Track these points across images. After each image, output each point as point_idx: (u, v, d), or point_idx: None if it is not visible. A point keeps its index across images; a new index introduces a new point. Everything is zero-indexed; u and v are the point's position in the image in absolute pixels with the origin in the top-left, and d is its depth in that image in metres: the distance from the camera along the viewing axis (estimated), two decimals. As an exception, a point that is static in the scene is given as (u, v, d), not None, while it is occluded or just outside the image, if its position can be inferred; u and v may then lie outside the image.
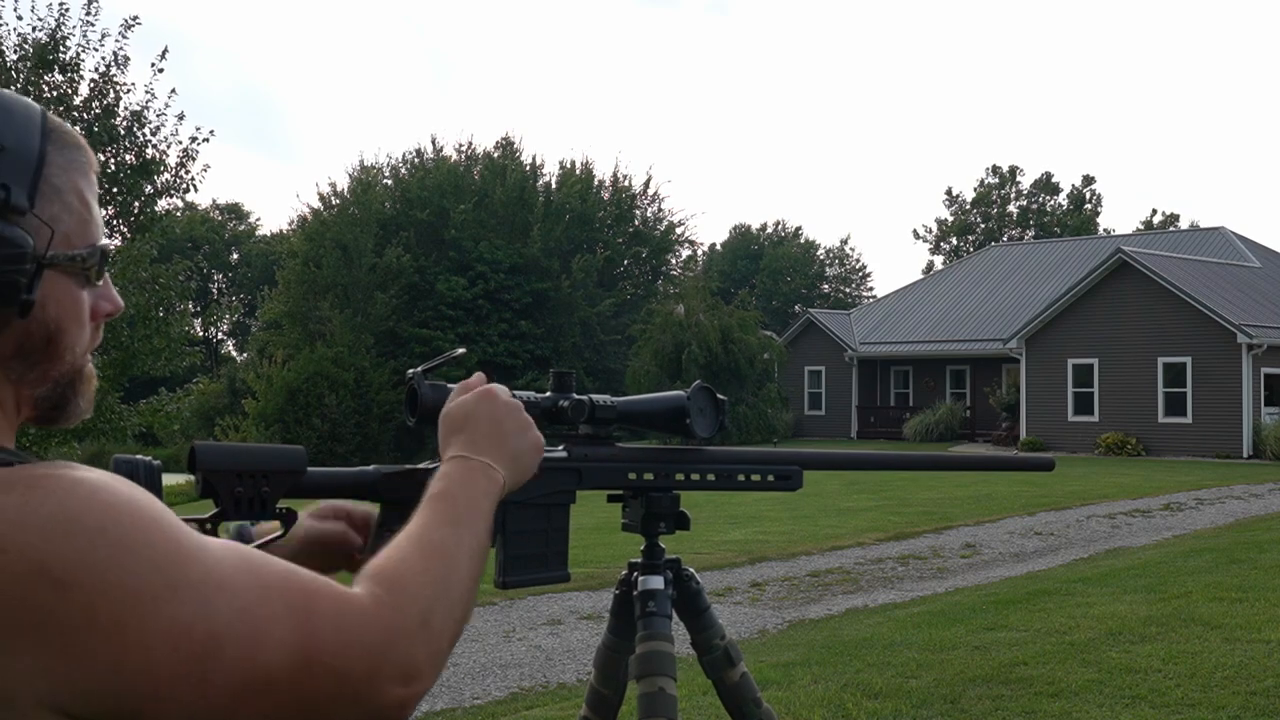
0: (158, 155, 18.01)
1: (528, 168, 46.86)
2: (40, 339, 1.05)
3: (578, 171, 47.54)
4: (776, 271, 67.80)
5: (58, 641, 0.89)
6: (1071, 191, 69.52)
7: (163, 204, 18.41)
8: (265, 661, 0.94)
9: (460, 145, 50.26)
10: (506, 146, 47.62)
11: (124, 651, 0.90)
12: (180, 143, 18.11)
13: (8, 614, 0.88)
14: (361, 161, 57.82)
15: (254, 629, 0.94)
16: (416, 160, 47.76)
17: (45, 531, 0.90)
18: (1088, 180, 70.01)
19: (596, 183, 47.87)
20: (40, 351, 1.06)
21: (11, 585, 0.88)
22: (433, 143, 63.35)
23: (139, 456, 1.20)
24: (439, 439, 1.28)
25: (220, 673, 0.92)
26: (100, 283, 1.11)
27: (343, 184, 47.29)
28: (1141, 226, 66.75)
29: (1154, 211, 73.92)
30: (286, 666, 0.95)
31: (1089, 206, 69.20)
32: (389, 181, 46.44)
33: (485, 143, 64.68)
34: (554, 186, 47.07)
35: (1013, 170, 69.75)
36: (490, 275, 42.66)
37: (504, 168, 46.04)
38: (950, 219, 70.55)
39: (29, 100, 1.08)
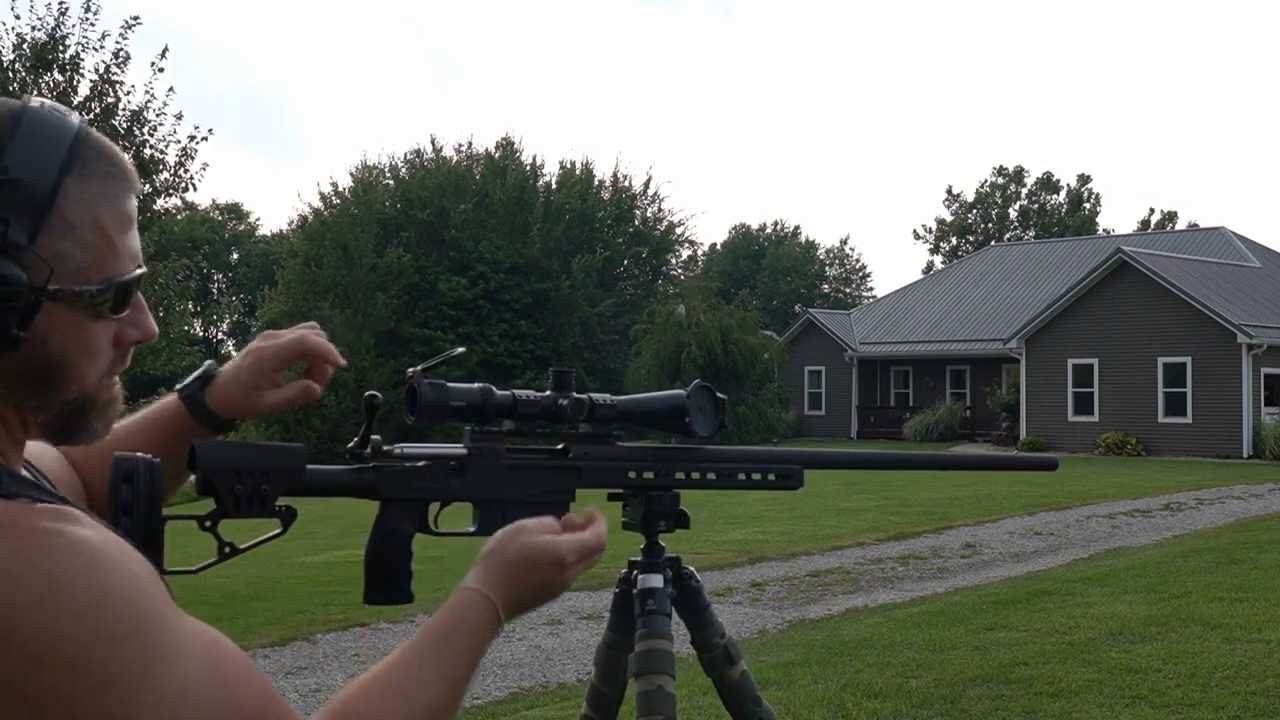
0: (156, 155, 18.02)
1: (528, 168, 46.86)
2: (39, 369, 1.04)
3: (578, 172, 47.55)
4: (776, 271, 67.81)
5: (20, 712, 0.89)
6: (1070, 191, 69.53)
7: (162, 203, 18.41)
8: None
9: (460, 145, 50.33)
10: (507, 146, 47.62)
11: None
12: (179, 142, 18.12)
13: None
14: (363, 161, 57.82)
15: None
16: (417, 160, 47.76)
17: (32, 599, 0.89)
18: (1084, 179, 70.02)
19: (597, 183, 47.88)
20: (40, 381, 1.05)
21: None
22: (433, 143, 63.41)
23: (139, 455, 1.20)
24: (485, 552, 1.29)
25: None
26: (126, 311, 1.09)
27: (343, 184, 47.29)
28: (1140, 226, 66.76)
29: (1152, 211, 73.90)
30: None
31: (1088, 206, 69.21)
32: (390, 181, 46.44)
33: (485, 143, 64.79)
34: (554, 186, 47.07)
35: (1019, 171, 69.74)
36: (491, 275, 42.67)
37: (504, 168, 46.04)
38: (950, 219, 70.56)
39: (67, 121, 1.06)
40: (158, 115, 18.02)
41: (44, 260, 1.01)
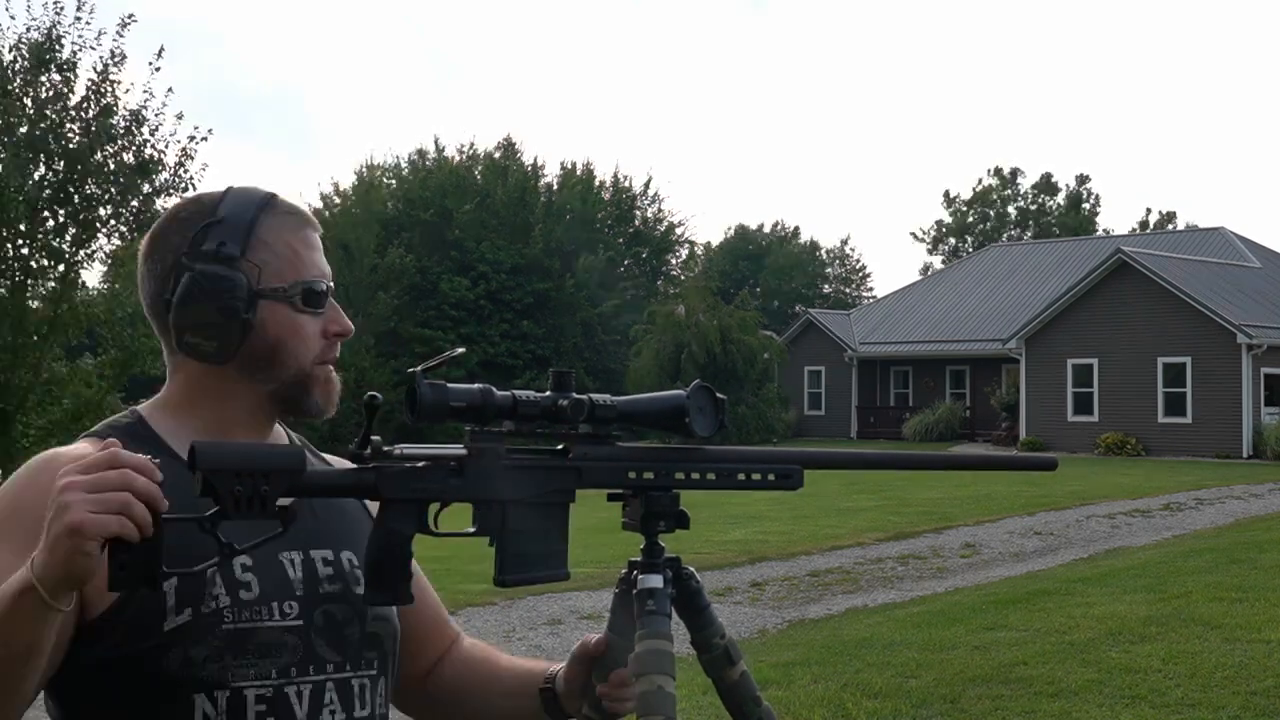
0: (156, 154, 18.02)
1: (529, 168, 46.89)
2: (263, 350, 1.46)
3: (579, 172, 47.59)
4: (776, 271, 67.79)
5: None
6: (1069, 191, 69.54)
7: (161, 203, 18.41)
8: None
9: (462, 146, 50.33)
10: (508, 147, 47.66)
11: None
12: (179, 142, 18.13)
13: None
14: (366, 161, 57.84)
15: None
16: (420, 160, 47.78)
17: None
18: (1082, 179, 70.04)
19: (597, 184, 47.91)
20: (265, 358, 1.47)
21: None
22: (435, 143, 63.42)
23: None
24: None
25: None
26: (323, 310, 1.51)
27: (345, 183, 47.31)
28: (1138, 227, 66.74)
29: (1149, 211, 73.92)
30: None
31: (1086, 206, 69.21)
32: (392, 182, 46.45)
33: (487, 144, 64.83)
34: (555, 187, 47.11)
35: (1014, 172, 69.77)
36: (492, 276, 42.69)
37: (505, 168, 46.07)
38: (949, 220, 70.57)
39: (259, 190, 1.52)
40: (157, 115, 18.04)
41: (254, 265, 1.45)
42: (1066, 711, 5.79)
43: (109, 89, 17.65)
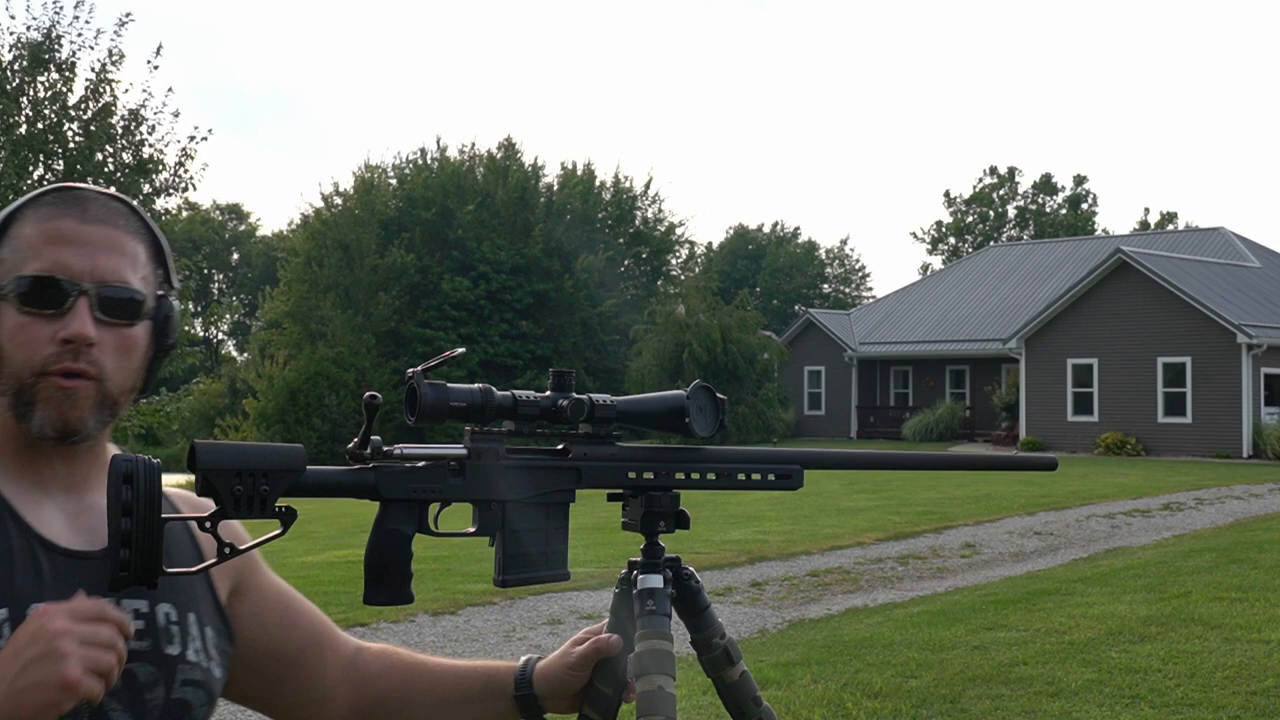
0: (156, 154, 18.01)
1: (529, 168, 46.88)
2: None
3: (579, 173, 47.58)
4: (776, 271, 67.79)
5: None
6: (1068, 191, 69.53)
7: (162, 203, 18.41)
8: None
9: (463, 146, 50.30)
10: (509, 148, 47.64)
11: None
12: (179, 142, 18.12)
13: None
14: (365, 161, 57.82)
15: None
16: (421, 160, 47.76)
17: None
18: (1080, 180, 70.03)
19: (598, 184, 47.91)
20: None
21: None
22: (438, 142, 63.41)
23: (139, 455, 1.21)
24: None
25: None
26: (59, 309, 1.30)
27: (345, 183, 47.29)
28: (1139, 227, 66.74)
29: (1148, 212, 73.94)
30: None
31: (1085, 206, 69.21)
32: (394, 181, 46.43)
33: (488, 144, 64.76)
34: (555, 188, 47.10)
35: (1011, 171, 69.76)
36: (492, 276, 42.69)
37: (506, 168, 46.06)
38: (949, 220, 70.57)
39: (67, 186, 1.37)
40: (155, 115, 18.02)
41: None
42: (1066, 711, 5.79)
43: (108, 88, 17.65)
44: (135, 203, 1.41)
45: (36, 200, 1.34)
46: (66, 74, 17.53)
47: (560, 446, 1.48)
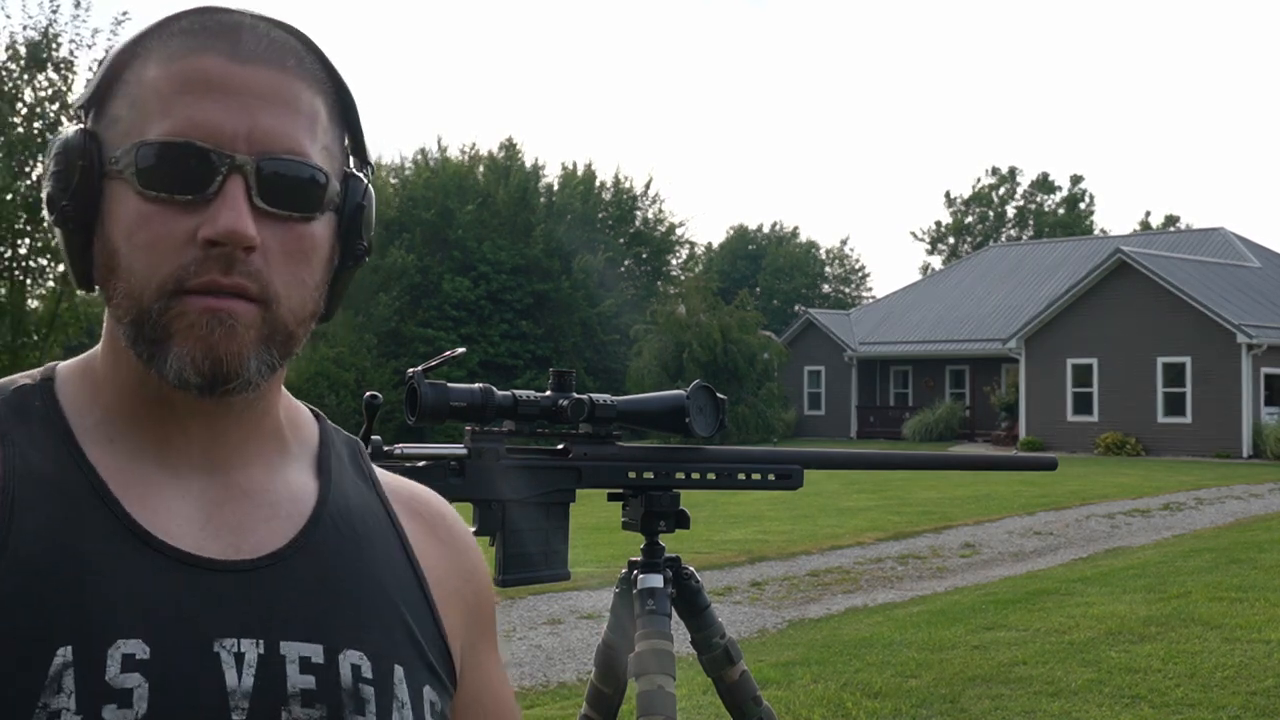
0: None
1: (530, 169, 46.90)
2: (106, 268, 0.90)
3: (579, 173, 47.61)
4: (776, 271, 67.78)
5: None
6: (1066, 192, 69.54)
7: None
8: None
9: (464, 147, 50.29)
10: (509, 148, 47.66)
11: None
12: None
13: None
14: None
15: None
16: (421, 160, 47.77)
17: None
18: (1076, 179, 70.04)
19: (598, 184, 47.93)
20: (108, 285, 0.90)
21: None
22: (438, 142, 63.41)
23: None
24: None
25: None
26: (202, 194, 0.87)
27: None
28: (1138, 227, 66.75)
29: (1148, 213, 73.95)
30: None
31: (1083, 206, 69.21)
32: (394, 181, 46.43)
33: (489, 144, 64.83)
34: (556, 188, 47.13)
35: (1012, 171, 69.77)
36: (493, 276, 42.70)
37: (506, 169, 46.07)
38: (949, 220, 70.59)
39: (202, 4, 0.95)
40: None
41: (109, 123, 0.90)
42: (1066, 711, 5.79)
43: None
44: (311, 36, 0.93)
45: (164, 26, 0.89)
46: (65, 73, 17.53)
47: (560, 446, 1.48)
